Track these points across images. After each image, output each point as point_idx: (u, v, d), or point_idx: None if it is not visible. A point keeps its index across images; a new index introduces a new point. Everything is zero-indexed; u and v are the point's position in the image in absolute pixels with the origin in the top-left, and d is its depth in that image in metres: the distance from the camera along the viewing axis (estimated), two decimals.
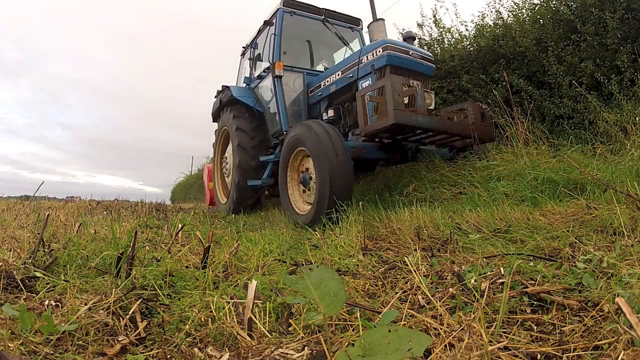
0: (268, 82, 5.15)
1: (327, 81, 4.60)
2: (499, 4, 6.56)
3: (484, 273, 1.42)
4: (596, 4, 4.31)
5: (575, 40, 4.45)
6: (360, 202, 3.13)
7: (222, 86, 5.99)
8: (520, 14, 5.28)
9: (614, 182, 2.49)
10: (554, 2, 4.88)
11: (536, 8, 5.08)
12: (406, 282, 1.52)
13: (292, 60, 5.28)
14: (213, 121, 6.69)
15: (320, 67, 5.71)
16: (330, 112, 4.41)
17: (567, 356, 0.87)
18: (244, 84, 5.92)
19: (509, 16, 5.50)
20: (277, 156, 4.72)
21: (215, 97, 6.28)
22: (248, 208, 5.56)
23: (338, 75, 4.41)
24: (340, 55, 5.62)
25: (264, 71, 5.28)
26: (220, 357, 0.90)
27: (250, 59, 5.77)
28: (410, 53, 3.92)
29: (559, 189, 2.73)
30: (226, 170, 6.05)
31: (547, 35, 4.69)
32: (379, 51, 3.84)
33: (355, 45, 5.49)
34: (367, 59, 3.98)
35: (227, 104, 5.73)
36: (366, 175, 5.67)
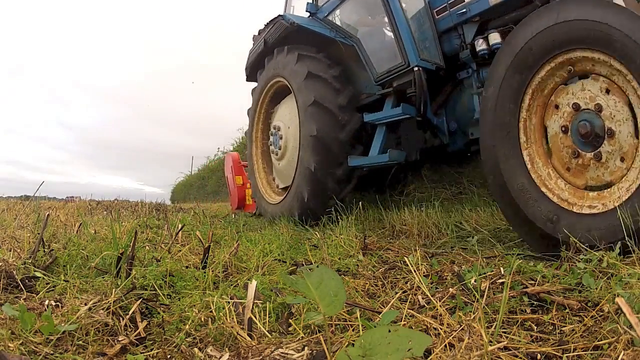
0: None
1: None
2: None
3: (484, 273, 1.42)
4: None
5: None
6: (360, 202, 3.13)
7: (258, 32, 4.31)
8: None
9: None
10: None
11: None
12: (406, 282, 1.52)
13: None
14: (247, 80, 4.90)
15: None
16: (495, 38, 2.63)
17: (567, 356, 0.87)
18: (307, 13, 4.00)
19: None
20: (404, 111, 3.02)
21: (254, 42, 4.44)
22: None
23: None
24: None
25: None
26: (220, 357, 0.90)
27: None
28: None
29: None
30: (277, 147, 3.99)
31: None
32: None
33: None
34: None
35: (278, 42, 3.88)
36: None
